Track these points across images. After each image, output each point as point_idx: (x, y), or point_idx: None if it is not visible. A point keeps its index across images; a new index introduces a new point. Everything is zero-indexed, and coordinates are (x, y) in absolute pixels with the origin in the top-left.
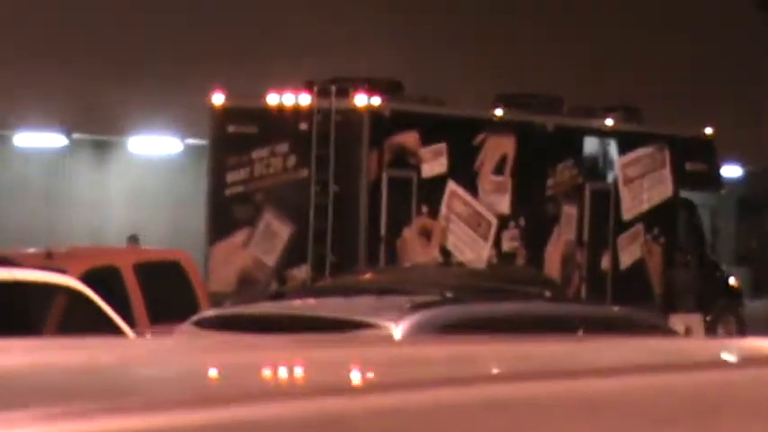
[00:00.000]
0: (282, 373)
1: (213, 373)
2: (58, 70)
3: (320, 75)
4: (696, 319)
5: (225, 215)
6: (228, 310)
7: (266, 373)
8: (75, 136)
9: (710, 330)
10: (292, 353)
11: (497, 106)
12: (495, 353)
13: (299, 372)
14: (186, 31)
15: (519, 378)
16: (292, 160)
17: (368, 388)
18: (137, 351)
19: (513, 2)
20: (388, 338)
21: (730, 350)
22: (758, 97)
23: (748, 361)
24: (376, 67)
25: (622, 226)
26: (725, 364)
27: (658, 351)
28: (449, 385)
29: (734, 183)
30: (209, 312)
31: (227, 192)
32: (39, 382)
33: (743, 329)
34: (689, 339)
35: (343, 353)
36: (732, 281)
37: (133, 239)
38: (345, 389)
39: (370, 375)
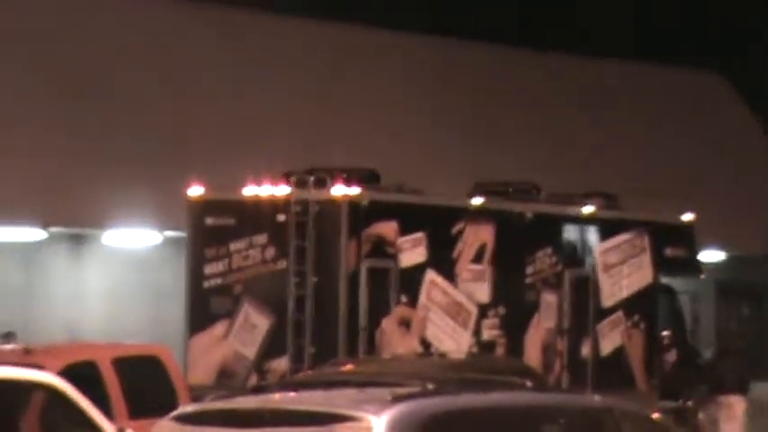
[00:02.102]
0: None
1: None
2: (34, 162)
3: (297, 166)
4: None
5: (203, 307)
6: (208, 405)
7: None
8: (52, 229)
9: (692, 416)
10: None
11: (475, 195)
12: None
13: None
14: (164, 124)
15: None
16: (271, 251)
17: None
18: None
19: (489, 92)
20: None
21: None
22: (738, 181)
23: None
24: (353, 157)
25: (602, 313)
26: None
27: None
28: None
29: (714, 267)
30: (188, 408)
31: (206, 284)
32: None
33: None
34: None
35: None
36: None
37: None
38: None
39: None
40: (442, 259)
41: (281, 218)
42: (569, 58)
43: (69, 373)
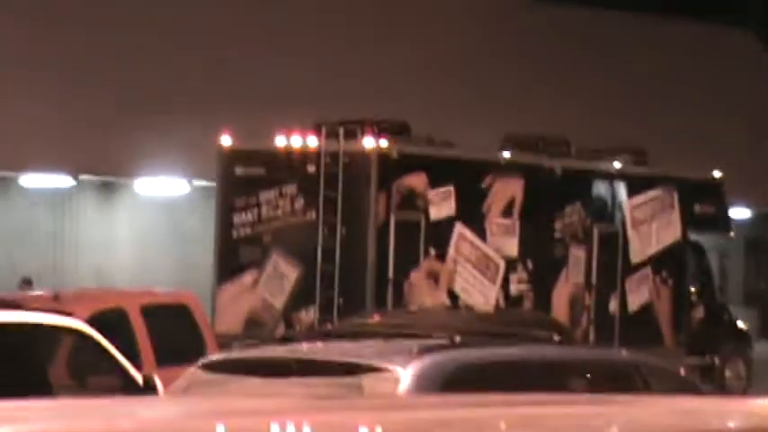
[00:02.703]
0: None
1: None
2: (65, 112)
3: (328, 117)
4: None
5: (232, 257)
6: (236, 353)
7: None
8: (82, 177)
9: (719, 373)
10: (303, 418)
11: (505, 149)
12: (513, 417)
13: None
14: (195, 74)
15: None
16: (300, 202)
17: None
18: (152, 416)
19: (521, 45)
20: (398, 399)
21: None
22: (766, 139)
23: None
24: (384, 109)
25: (631, 268)
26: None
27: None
28: None
29: (743, 225)
30: (216, 356)
31: (235, 234)
32: None
33: (751, 372)
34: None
35: (353, 418)
36: (740, 323)
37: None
38: None
39: None
40: (472, 213)
41: (311, 169)
42: (601, 13)
43: (97, 319)
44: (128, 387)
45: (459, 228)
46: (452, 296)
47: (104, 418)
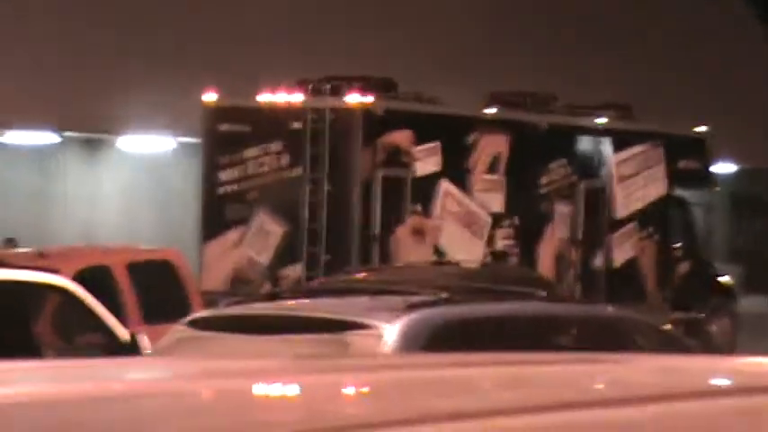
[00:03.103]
0: (282, 406)
1: (221, 406)
2: (49, 68)
3: (313, 74)
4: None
5: (218, 214)
6: (222, 310)
7: (265, 405)
8: (67, 134)
9: (704, 328)
10: (290, 379)
11: (491, 105)
12: (500, 377)
13: (296, 405)
14: (180, 30)
15: (524, 410)
16: (285, 159)
17: (367, 424)
18: (141, 378)
19: (506, 3)
20: (384, 359)
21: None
22: (751, 94)
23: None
24: (369, 65)
25: (616, 224)
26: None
27: (674, 373)
28: (452, 420)
29: (727, 180)
30: (203, 313)
31: (220, 190)
32: (45, 420)
33: (736, 327)
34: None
35: (339, 379)
36: (725, 279)
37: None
38: (344, 426)
39: (369, 408)
40: (457, 169)
41: (296, 125)
42: None
43: (83, 276)
44: (114, 345)
45: (445, 184)
46: (438, 252)
47: (92, 380)
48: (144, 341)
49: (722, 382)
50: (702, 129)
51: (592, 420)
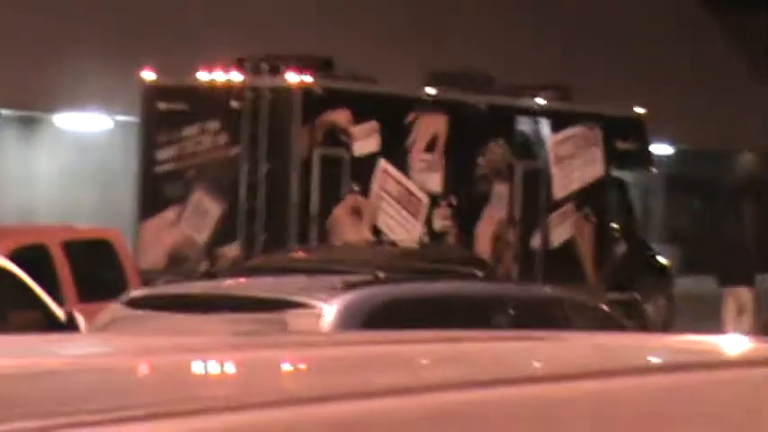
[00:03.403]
0: (218, 382)
1: (156, 381)
2: None
3: (250, 51)
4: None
5: (155, 193)
6: (160, 289)
7: (201, 381)
8: (3, 112)
9: (640, 309)
10: (228, 356)
11: (429, 85)
12: (436, 353)
13: (233, 381)
14: (116, 6)
15: (460, 386)
16: (223, 138)
17: (305, 399)
18: (75, 354)
19: None
20: (320, 336)
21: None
22: (688, 74)
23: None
24: (307, 44)
25: (553, 205)
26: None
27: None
28: (389, 395)
29: (665, 162)
30: (140, 291)
31: (158, 169)
32: None
33: (672, 308)
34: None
35: (276, 354)
36: (662, 259)
37: None
38: (282, 401)
39: (307, 384)
40: (395, 148)
41: (234, 104)
42: None
43: (19, 255)
44: (49, 323)
45: (383, 163)
46: (376, 232)
47: (24, 356)
48: (80, 320)
49: (657, 358)
50: (640, 110)
51: (526, 396)
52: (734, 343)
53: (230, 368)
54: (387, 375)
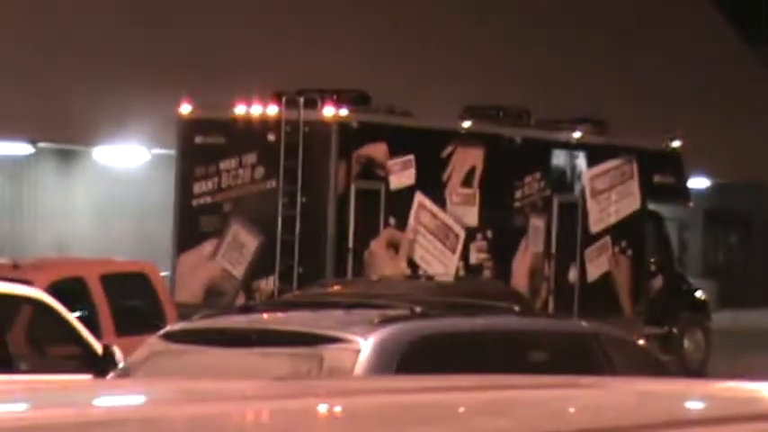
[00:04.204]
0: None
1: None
2: (23, 78)
3: (288, 86)
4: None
5: (192, 226)
6: (197, 323)
7: (241, 430)
8: (41, 145)
9: (677, 343)
10: (265, 403)
11: (465, 118)
12: (476, 402)
13: (272, 430)
14: (155, 41)
15: None
16: (260, 171)
17: None
18: (118, 403)
19: (481, 14)
20: (360, 381)
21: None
22: (725, 109)
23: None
24: (344, 78)
25: (590, 238)
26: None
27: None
28: None
29: (701, 195)
30: (176, 326)
31: (195, 202)
32: None
33: (709, 342)
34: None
35: (314, 403)
36: (699, 293)
37: None
38: None
39: None
40: (432, 182)
41: (271, 137)
42: None
43: (57, 288)
44: (87, 357)
45: (420, 197)
46: (412, 266)
47: (68, 406)
48: (117, 353)
49: (698, 408)
50: (677, 143)
51: None
52: None
53: (268, 417)
54: (425, 426)
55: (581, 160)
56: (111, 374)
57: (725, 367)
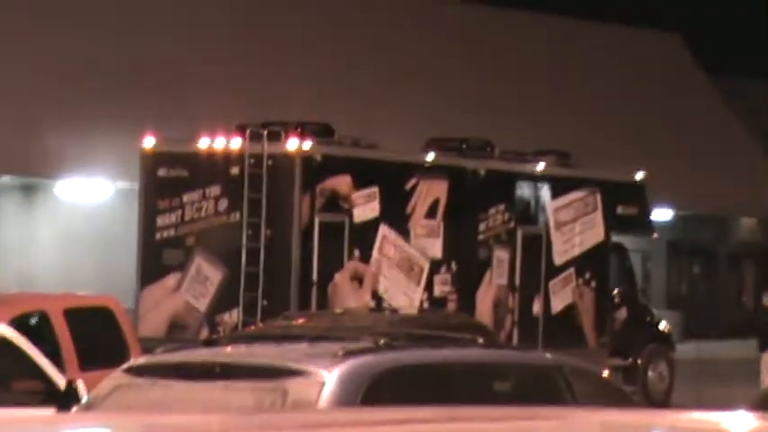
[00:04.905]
0: None
1: None
2: None
3: (251, 119)
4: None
5: (155, 259)
6: (159, 357)
7: None
8: (3, 179)
9: (641, 374)
10: None
11: (429, 150)
12: None
13: None
14: (118, 73)
15: None
16: (224, 204)
17: None
18: None
19: (443, 46)
20: (323, 414)
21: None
22: (689, 140)
23: None
24: (307, 111)
25: (554, 270)
26: None
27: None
28: None
29: (665, 226)
30: (140, 360)
31: (158, 236)
32: None
33: (673, 373)
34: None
35: None
36: (663, 325)
37: None
38: None
39: None
40: (396, 214)
41: (235, 170)
42: (523, 14)
43: (20, 323)
44: (51, 391)
45: (384, 229)
46: (376, 298)
47: None
48: (81, 388)
49: None
50: (640, 175)
51: None
52: (739, 421)
53: None
54: None
55: (545, 192)
56: (74, 409)
57: (689, 398)
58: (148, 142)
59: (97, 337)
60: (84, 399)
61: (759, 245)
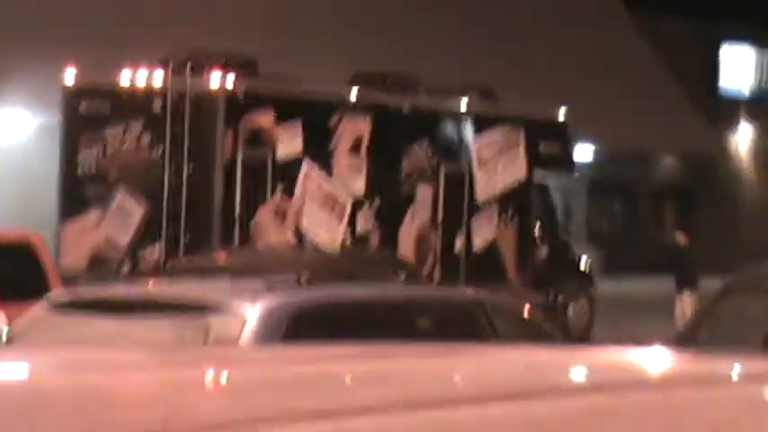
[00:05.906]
0: (138, 403)
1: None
2: None
3: (175, 50)
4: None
5: (77, 194)
6: (81, 292)
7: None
8: None
9: (562, 311)
10: (148, 374)
11: (353, 86)
12: (361, 373)
13: (153, 403)
14: (39, 7)
15: (385, 409)
16: (146, 139)
17: (226, 424)
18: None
19: None
20: (246, 351)
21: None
22: (611, 76)
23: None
24: (233, 44)
25: (476, 207)
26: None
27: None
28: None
29: (587, 164)
30: (61, 294)
31: (80, 171)
32: None
33: (593, 310)
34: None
35: (199, 375)
36: (584, 262)
37: None
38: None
39: (229, 406)
40: (319, 150)
41: (158, 105)
42: None
43: None
44: None
45: (307, 165)
46: (299, 234)
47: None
48: (1, 318)
49: (579, 374)
50: (563, 113)
51: (451, 419)
52: (657, 358)
53: (151, 389)
54: (310, 397)
55: (468, 129)
56: None
57: (609, 334)
58: (69, 76)
59: (18, 271)
60: (5, 329)
61: (679, 183)
